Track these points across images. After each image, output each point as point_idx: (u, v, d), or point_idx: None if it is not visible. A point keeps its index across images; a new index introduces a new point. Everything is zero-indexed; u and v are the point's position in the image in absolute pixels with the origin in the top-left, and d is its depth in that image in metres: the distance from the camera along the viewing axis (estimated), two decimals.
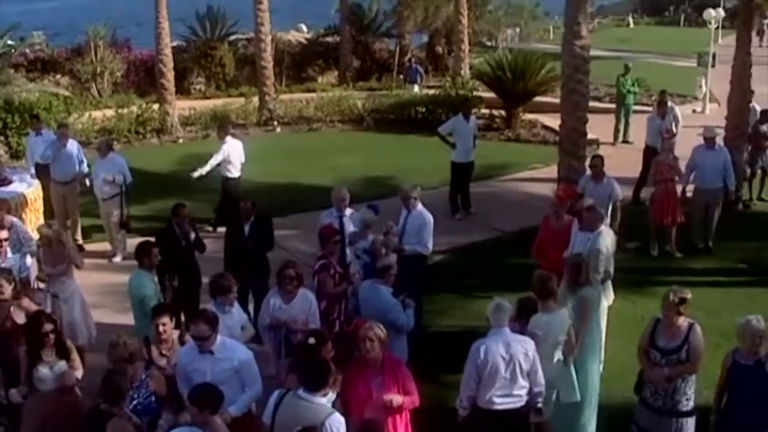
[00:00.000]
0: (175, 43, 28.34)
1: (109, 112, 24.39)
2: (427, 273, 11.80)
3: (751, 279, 13.18)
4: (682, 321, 7.69)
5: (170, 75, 24.94)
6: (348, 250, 10.48)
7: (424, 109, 24.57)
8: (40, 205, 14.75)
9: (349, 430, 6.23)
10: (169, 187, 17.38)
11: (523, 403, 7.34)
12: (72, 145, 14.96)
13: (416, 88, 28.46)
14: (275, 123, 25.27)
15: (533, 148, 21.93)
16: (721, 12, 30.42)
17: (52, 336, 7.51)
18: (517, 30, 40.14)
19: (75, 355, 7.84)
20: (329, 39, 36.06)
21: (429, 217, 11.07)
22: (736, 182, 14.98)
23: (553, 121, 21.74)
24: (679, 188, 14.10)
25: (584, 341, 8.45)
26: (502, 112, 24.59)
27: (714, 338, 9.13)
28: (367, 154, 21.18)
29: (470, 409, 7.36)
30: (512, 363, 7.18)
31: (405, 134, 23.25)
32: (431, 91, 26.86)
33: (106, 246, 14.69)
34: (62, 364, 7.46)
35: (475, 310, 11.27)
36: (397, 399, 6.95)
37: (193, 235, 10.86)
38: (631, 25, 56.48)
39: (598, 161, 12.89)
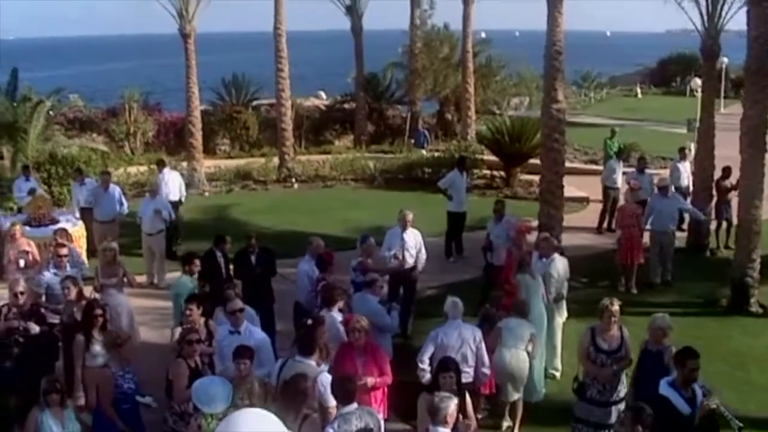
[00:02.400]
0: (202, 107, 30.49)
1: (142, 168, 26.60)
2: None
3: (703, 311, 15.13)
4: (615, 326, 9.61)
5: (198, 135, 27.13)
6: None
7: (429, 170, 26.51)
8: (83, 242, 16.86)
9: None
10: (195, 231, 19.40)
11: (471, 378, 9.29)
12: (113, 189, 17.31)
13: (424, 151, 30.45)
14: (293, 180, 27.38)
15: (527, 204, 23.58)
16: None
17: (101, 319, 9.67)
18: (526, 99, 41.97)
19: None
20: (346, 105, 38.08)
21: (419, 234, 13.86)
22: (704, 231, 17.02)
23: None
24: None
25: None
26: (502, 173, 26.63)
27: None
28: (375, 208, 23.02)
29: (429, 363, 9.26)
30: (463, 346, 9.14)
31: (412, 191, 25.08)
32: (437, 154, 28.85)
33: (141, 278, 16.70)
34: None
35: None
36: (371, 380, 8.97)
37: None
38: (639, 95, 57.99)
39: (500, 206, 15.36)
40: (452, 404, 7.10)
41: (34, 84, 30.19)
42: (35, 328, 10.41)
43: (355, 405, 7.29)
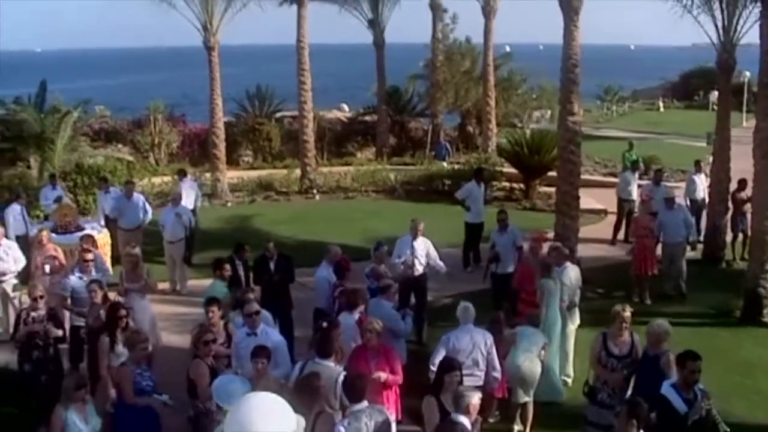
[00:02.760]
0: (226, 119, 30.91)
1: (166, 178, 27.08)
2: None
3: (716, 321, 15.34)
4: (626, 332, 9.86)
5: (222, 146, 27.61)
6: None
7: (450, 182, 26.74)
8: (108, 249, 17.28)
9: None
10: (217, 240, 19.78)
11: (481, 382, 9.56)
12: (137, 198, 17.76)
13: (444, 164, 30.73)
14: (315, 191, 27.76)
15: (545, 216, 23.78)
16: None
17: (124, 320, 10.06)
18: (547, 112, 42.07)
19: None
20: (368, 118, 38.42)
21: (430, 242, 14.32)
22: (720, 243, 17.18)
23: None
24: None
25: (545, 319, 11.45)
26: (521, 185, 26.88)
27: None
28: (394, 218, 23.17)
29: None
30: (474, 350, 9.42)
31: (431, 203, 25.44)
32: (457, 166, 29.13)
33: (164, 285, 17.10)
34: None
35: None
36: (382, 376, 9.29)
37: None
38: (661, 109, 57.80)
39: (503, 216, 15.88)
40: (476, 396, 7.46)
41: (65, 96, 30.81)
42: (56, 332, 10.85)
43: (365, 403, 7.59)
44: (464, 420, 7.36)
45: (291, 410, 4.20)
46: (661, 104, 58.98)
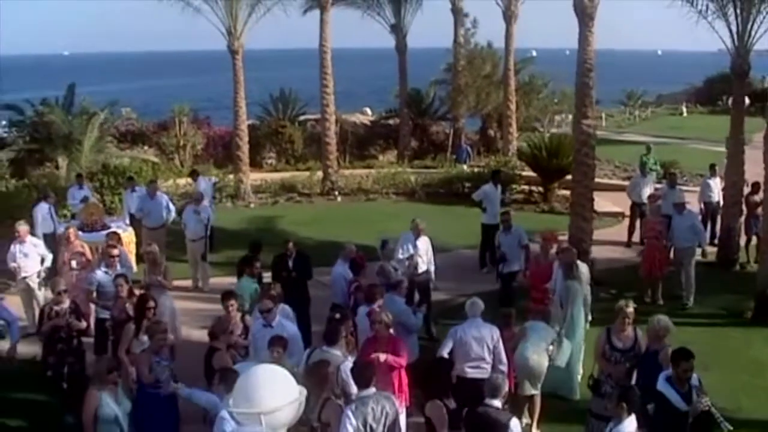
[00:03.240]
0: (250, 122, 31.33)
1: (190, 180, 27.53)
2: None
3: (727, 321, 15.61)
4: (629, 327, 10.18)
5: (245, 148, 28.04)
6: None
7: (469, 184, 26.94)
8: (133, 247, 17.76)
9: None
10: (238, 240, 20.15)
11: (487, 375, 9.88)
12: (161, 197, 18.27)
13: (465, 167, 31.06)
14: (336, 193, 28.19)
15: (563, 218, 23.97)
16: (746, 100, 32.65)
17: (152, 311, 10.50)
18: (569, 116, 42.17)
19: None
20: (390, 121, 38.95)
21: (430, 242, 14.95)
22: (734, 246, 17.38)
23: None
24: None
25: (570, 318, 11.92)
26: (540, 188, 27.17)
27: None
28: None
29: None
30: (481, 343, 9.76)
31: (451, 205, 25.82)
32: (476, 169, 29.49)
33: (187, 282, 17.62)
34: None
35: None
36: (381, 356, 9.69)
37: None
38: (685, 114, 57.66)
39: (507, 217, 16.39)
40: (506, 384, 8.32)
41: (88, 97, 31.45)
42: (79, 325, 11.32)
43: (373, 390, 7.94)
44: (498, 403, 8.02)
45: (293, 379, 4.57)
46: (684, 109, 58.87)
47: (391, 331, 10.17)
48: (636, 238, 20.87)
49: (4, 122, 34.23)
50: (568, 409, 11.49)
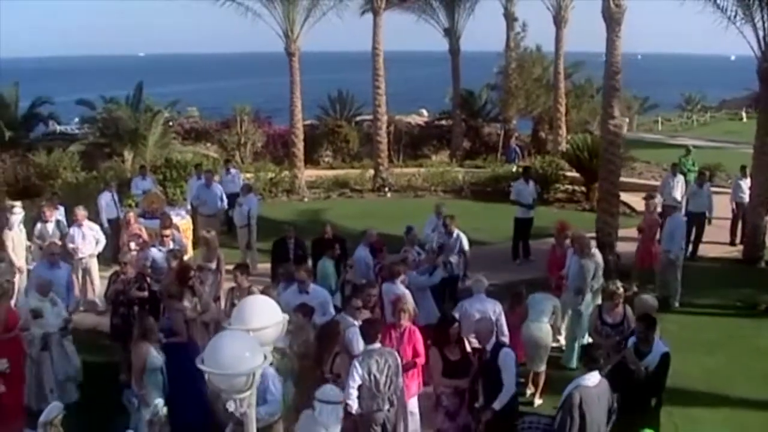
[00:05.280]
0: (308, 121, 32.76)
1: (249, 175, 29.03)
2: None
3: (741, 313, 16.38)
4: (620, 305, 11.24)
5: (300, 145, 29.53)
6: None
7: (514, 183, 27.95)
8: (189, 233, 19.16)
9: None
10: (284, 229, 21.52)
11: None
12: (216, 188, 19.76)
13: (514, 166, 31.90)
14: (387, 189, 29.44)
15: None
16: None
17: (191, 280, 12.09)
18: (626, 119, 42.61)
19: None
20: (444, 122, 40.09)
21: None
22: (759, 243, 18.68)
23: (630, 197, 24.95)
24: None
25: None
26: (582, 188, 28.04)
27: (679, 344, 11.98)
28: (458, 216, 24.59)
29: None
30: (484, 316, 10.89)
31: (496, 203, 26.65)
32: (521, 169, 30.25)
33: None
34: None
35: None
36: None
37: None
38: (744, 119, 57.39)
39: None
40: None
41: (161, 98, 33.18)
42: (140, 294, 12.79)
43: (378, 344, 9.15)
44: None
45: (278, 307, 5.81)
46: (744, 114, 58.55)
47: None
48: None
49: (76, 119, 36.53)
50: (569, 381, 12.44)
